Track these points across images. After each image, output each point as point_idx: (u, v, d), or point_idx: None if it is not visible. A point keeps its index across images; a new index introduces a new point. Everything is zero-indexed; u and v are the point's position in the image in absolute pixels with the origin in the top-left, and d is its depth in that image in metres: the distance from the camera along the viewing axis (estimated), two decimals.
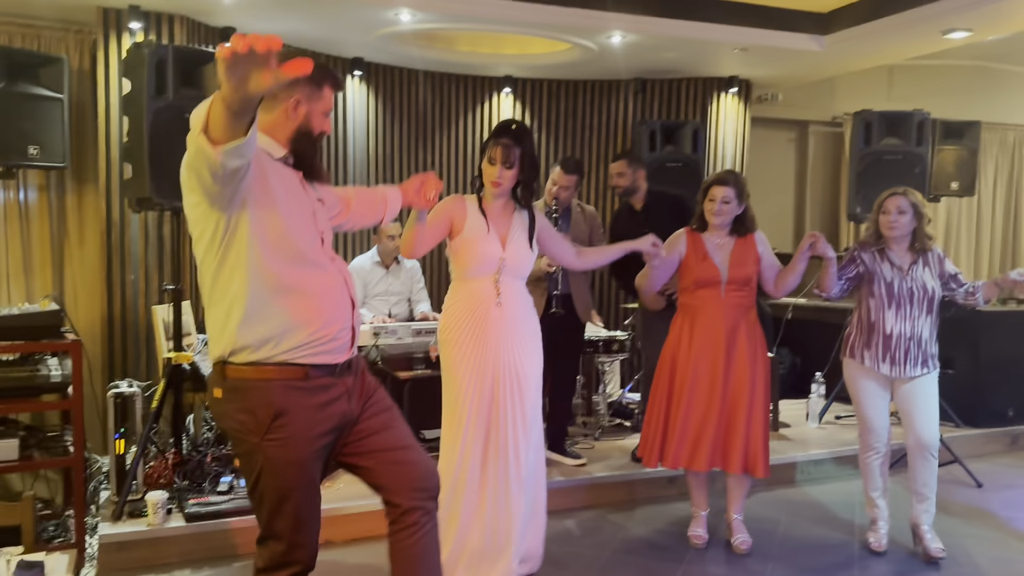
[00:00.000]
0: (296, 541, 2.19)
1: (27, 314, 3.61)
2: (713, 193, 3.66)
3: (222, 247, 2.08)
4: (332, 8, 4.84)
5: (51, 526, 3.93)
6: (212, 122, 1.80)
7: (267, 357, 2.12)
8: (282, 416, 2.12)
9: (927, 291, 3.62)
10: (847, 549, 3.84)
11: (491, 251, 3.20)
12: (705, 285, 3.66)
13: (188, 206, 2.09)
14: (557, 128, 6.78)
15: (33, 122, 4.40)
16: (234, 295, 2.10)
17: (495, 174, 3.18)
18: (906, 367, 3.63)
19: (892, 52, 5.99)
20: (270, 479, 2.14)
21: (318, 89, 2.23)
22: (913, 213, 3.62)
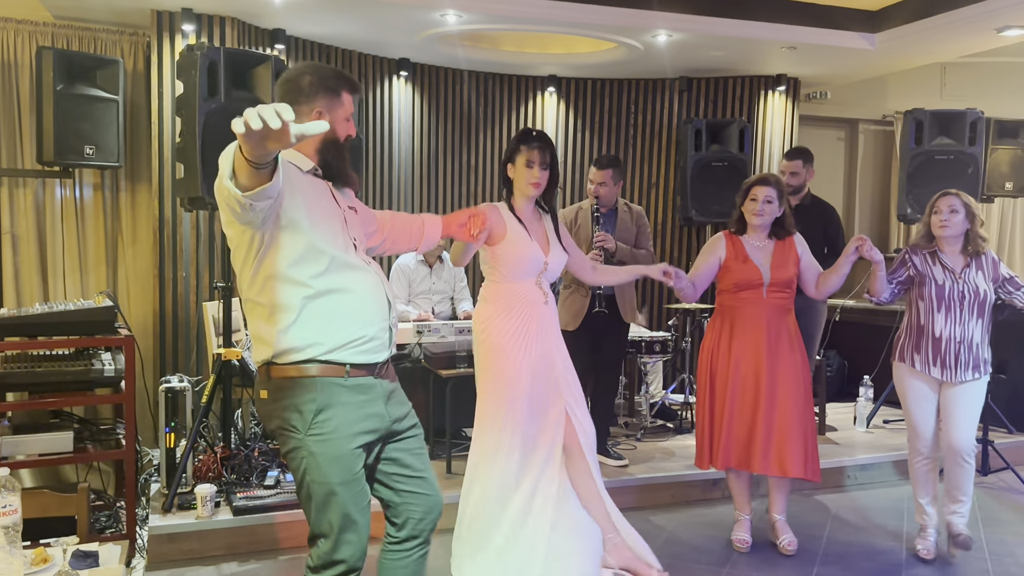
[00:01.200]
0: (343, 539, 2.22)
1: (82, 310, 3.70)
2: (755, 193, 3.66)
3: (257, 259, 2.17)
4: (379, 10, 4.89)
5: (103, 517, 4.04)
6: (239, 172, 1.88)
7: (309, 357, 2.18)
8: (324, 411, 2.18)
9: (979, 294, 3.56)
10: (894, 555, 3.78)
11: (536, 255, 3.24)
12: (747, 287, 3.65)
13: (224, 223, 2.18)
14: (601, 127, 6.76)
15: (90, 123, 4.53)
16: (273, 303, 2.18)
17: (536, 176, 3.21)
18: (956, 371, 3.57)
19: (944, 50, 5.86)
20: (315, 475, 2.19)
21: (337, 97, 2.29)
22: (965, 213, 3.56)
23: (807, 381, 3.68)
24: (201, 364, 4.82)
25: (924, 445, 3.70)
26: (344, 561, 2.23)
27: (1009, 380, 5.43)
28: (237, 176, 1.89)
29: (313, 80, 2.26)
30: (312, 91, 2.25)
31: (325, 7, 4.85)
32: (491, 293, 3.32)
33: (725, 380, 3.65)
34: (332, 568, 2.23)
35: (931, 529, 3.78)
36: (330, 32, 5.43)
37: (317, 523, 2.23)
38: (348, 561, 2.23)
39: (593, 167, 4.48)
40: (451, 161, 6.49)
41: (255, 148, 1.77)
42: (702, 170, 6.00)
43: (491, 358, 3.26)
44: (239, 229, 2.14)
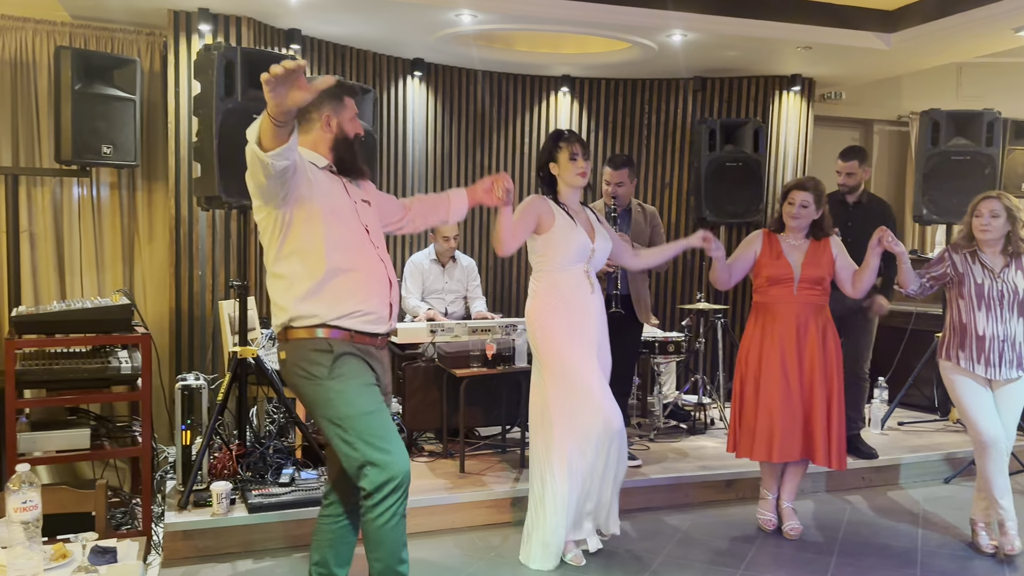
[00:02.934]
0: (388, 458, 2.48)
1: (99, 307, 3.73)
2: (793, 197, 3.78)
3: (280, 237, 2.54)
4: (393, 10, 4.90)
5: (119, 513, 4.07)
6: (264, 134, 2.26)
7: (321, 322, 2.54)
8: (340, 359, 2.54)
9: (1018, 293, 3.63)
10: (908, 555, 3.76)
11: (584, 243, 3.46)
12: (778, 282, 3.77)
13: (255, 209, 2.56)
14: (615, 127, 6.75)
15: (107, 122, 4.55)
16: (293, 275, 2.55)
17: (582, 166, 3.48)
18: (1001, 369, 3.64)
19: (961, 50, 5.82)
20: (345, 409, 2.51)
21: (340, 102, 2.67)
22: (1007, 216, 3.62)
23: (840, 374, 3.80)
24: (217, 362, 4.85)
25: (992, 443, 3.65)
26: (396, 476, 2.48)
27: None
28: (262, 140, 2.26)
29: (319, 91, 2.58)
30: (319, 99, 2.60)
31: (340, 7, 4.86)
32: (541, 286, 3.50)
33: (759, 373, 3.79)
34: (388, 485, 2.48)
35: (1010, 523, 3.74)
36: (345, 32, 5.45)
37: (361, 454, 2.48)
38: (399, 475, 2.51)
39: (608, 167, 4.50)
40: (465, 161, 6.50)
41: (280, 99, 2.12)
42: (716, 170, 5.98)
43: (542, 338, 3.43)
44: (267, 212, 2.50)
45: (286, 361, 2.61)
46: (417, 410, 4.68)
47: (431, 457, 4.59)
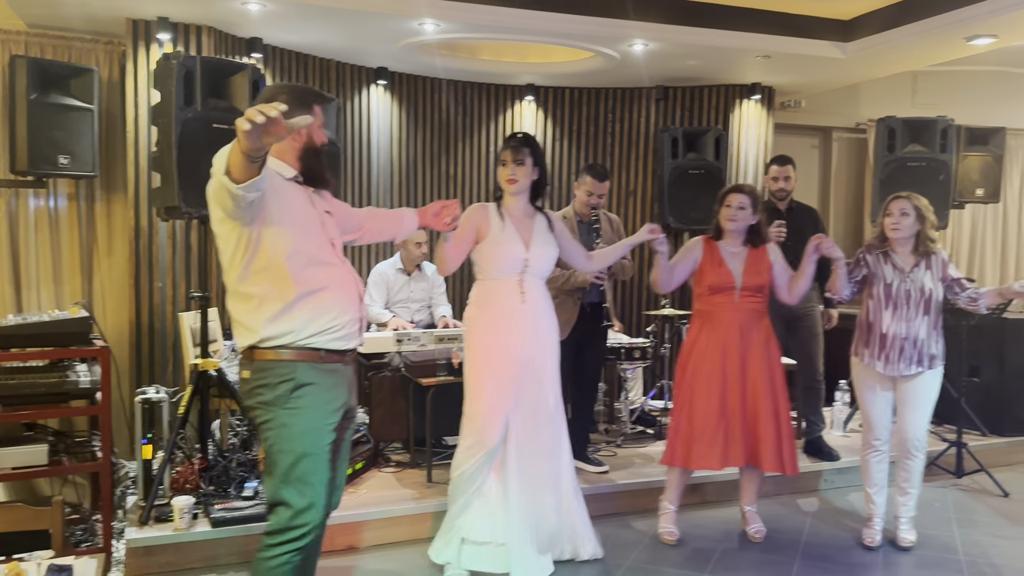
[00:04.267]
0: (302, 508, 2.42)
1: (57, 321, 3.67)
2: (730, 200, 3.81)
3: (247, 255, 2.43)
4: (356, 19, 4.89)
5: (79, 530, 3.99)
6: (233, 166, 2.17)
7: (289, 343, 2.46)
8: (300, 389, 2.45)
9: (924, 293, 3.73)
10: (871, 555, 3.81)
11: (516, 253, 3.41)
12: (720, 290, 3.78)
13: (215, 221, 2.44)
14: (579, 135, 6.80)
15: (64, 132, 4.48)
16: (261, 295, 2.45)
17: (509, 172, 3.45)
18: (900, 365, 3.75)
19: (915, 59, 5.95)
20: (284, 445, 2.43)
21: (309, 110, 2.56)
22: (916, 216, 3.74)
23: (781, 380, 3.83)
24: (178, 375, 4.78)
25: (874, 438, 3.89)
26: (302, 526, 2.43)
27: (982, 383, 5.51)
28: (231, 172, 2.17)
29: (289, 99, 2.51)
30: (291, 110, 2.46)
31: (302, 16, 4.84)
32: (475, 293, 3.52)
33: (699, 381, 3.78)
34: (291, 531, 2.43)
35: (877, 519, 3.97)
36: (307, 41, 5.42)
37: (279, 491, 2.44)
38: (305, 528, 2.43)
39: (593, 179, 4.42)
40: (430, 170, 6.49)
41: (254, 142, 2.04)
42: (679, 178, 6.04)
43: (468, 359, 3.46)
44: (230, 226, 2.40)
45: (248, 381, 2.53)
46: (384, 420, 4.66)
47: (398, 467, 4.57)
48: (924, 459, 3.89)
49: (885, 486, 3.96)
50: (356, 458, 4.33)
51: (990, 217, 7.95)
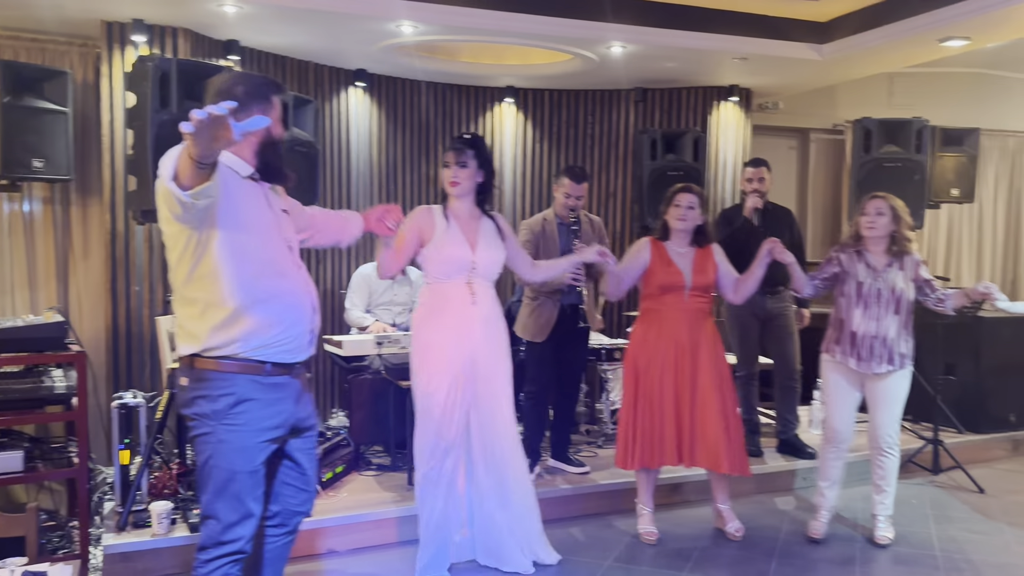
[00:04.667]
0: (233, 522, 2.38)
1: (32, 326, 3.64)
2: (679, 199, 3.86)
3: (193, 258, 2.32)
4: (333, 20, 4.87)
5: (55, 537, 3.95)
6: (182, 172, 2.02)
7: (233, 353, 2.36)
8: (240, 404, 2.36)
9: (895, 292, 3.77)
10: (847, 550, 3.84)
11: (462, 255, 3.36)
12: (670, 290, 3.82)
13: (162, 221, 2.33)
14: (559, 137, 6.81)
15: (38, 135, 4.44)
16: (206, 301, 2.34)
17: (450, 175, 3.40)
18: (871, 363, 3.79)
19: (890, 60, 6.01)
20: (219, 460, 2.36)
21: (268, 102, 2.45)
22: (891, 216, 3.78)
23: (728, 380, 3.88)
24: (156, 379, 4.75)
25: (835, 435, 3.95)
26: (233, 542, 2.38)
27: (958, 381, 5.57)
28: (179, 177, 2.03)
29: (247, 89, 2.40)
30: (247, 99, 2.38)
31: (279, 18, 4.82)
32: (423, 295, 3.46)
33: (651, 381, 3.80)
34: (221, 548, 2.38)
35: (824, 511, 4.04)
36: (285, 42, 5.40)
37: (211, 505, 2.39)
38: (237, 543, 2.39)
39: (570, 180, 4.42)
40: (409, 172, 6.48)
41: (203, 146, 1.90)
42: (658, 179, 6.06)
43: (417, 360, 3.40)
44: (177, 228, 2.28)
45: (186, 389, 2.42)
46: (364, 423, 4.64)
47: (379, 471, 4.55)
48: (898, 457, 3.93)
49: (838, 482, 4.02)
50: (336, 461, 4.32)
51: (966, 217, 8.04)
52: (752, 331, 4.94)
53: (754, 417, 5.02)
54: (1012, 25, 5.02)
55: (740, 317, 4.94)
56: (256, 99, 2.41)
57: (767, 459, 4.90)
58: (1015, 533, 4.14)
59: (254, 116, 1.97)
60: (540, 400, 4.55)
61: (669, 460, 3.80)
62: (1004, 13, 4.69)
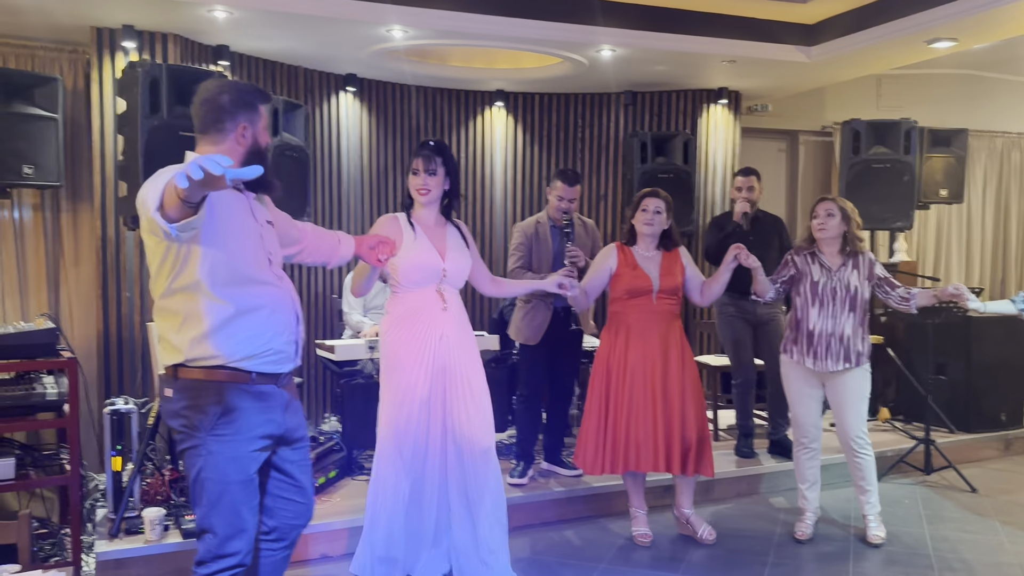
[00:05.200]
0: (232, 536, 2.34)
1: (22, 332, 3.61)
2: (646, 204, 3.90)
3: (174, 270, 2.29)
4: (324, 25, 4.88)
5: (47, 544, 3.93)
6: (168, 206, 1.97)
7: (219, 364, 2.32)
8: (228, 414, 2.33)
9: (850, 290, 3.83)
10: (840, 554, 3.86)
11: (432, 263, 3.30)
12: (638, 294, 3.84)
13: (142, 230, 2.30)
14: (549, 141, 6.82)
15: (28, 142, 4.42)
16: (186, 313, 2.31)
17: (420, 182, 3.34)
18: (827, 361, 3.83)
19: (878, 62, 6.04)
20: (211, 472, 2.32)
21: (255, 110, 2.43)
22: (841, 216, 3.84)
23: (696, 382, 3.90)
24: (147, 385, 4.73)
25: (803, 435, 4.01)
26: (233, 555, 2.35)
27: (949, 381, 5.60)
28: (165, 209, 1.97)
29: (233, 97, 2.38)
30: (234, 108, 2.37)
31: (269, 23, 4.82)
32: (391, 304, 3.38)
33: (621, 384, 3.81)
34: (220, 562, 2.35)
35: (809, 513, 4.08)
36: (275, 48, 5.40)
37: (207, 519, 2.34)
38: (236, 556, 2.35)
39: (563, 183, 4.41)
40: (400, 177, 6.48)
41: (194, 193, 1.88)
42: (648, 182, 6.06)
43: (386, 370, 3.31)
44: (157, 240, 2.24)
45: (171, 400, 2.37)
46: (357, 427, 4.64)
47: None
48: (872, 455, 3.96)
49: (817, 482, 4.07)
50: (329, 466, 4.31)
51: (954, 217, 8.09)
52: (744, 336, 4.96)
53: (749, 422, 5.03)
54: (999, 26, 5.06)
55: (732, 323, 4.97)
56: (242, 108, 2.38)
57: (760, 460, 4.90)
58: (1008, 532, 4.16)
59: (250, 166, 1.88)
60: (533, 403, 4.55)
61: (636, 465, 3.78)
62: (991, 14, 4.73)
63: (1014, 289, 8.31)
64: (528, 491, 4.33)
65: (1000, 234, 8.37)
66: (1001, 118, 8.14)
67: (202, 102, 2.39)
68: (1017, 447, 5.69)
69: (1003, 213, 8.36)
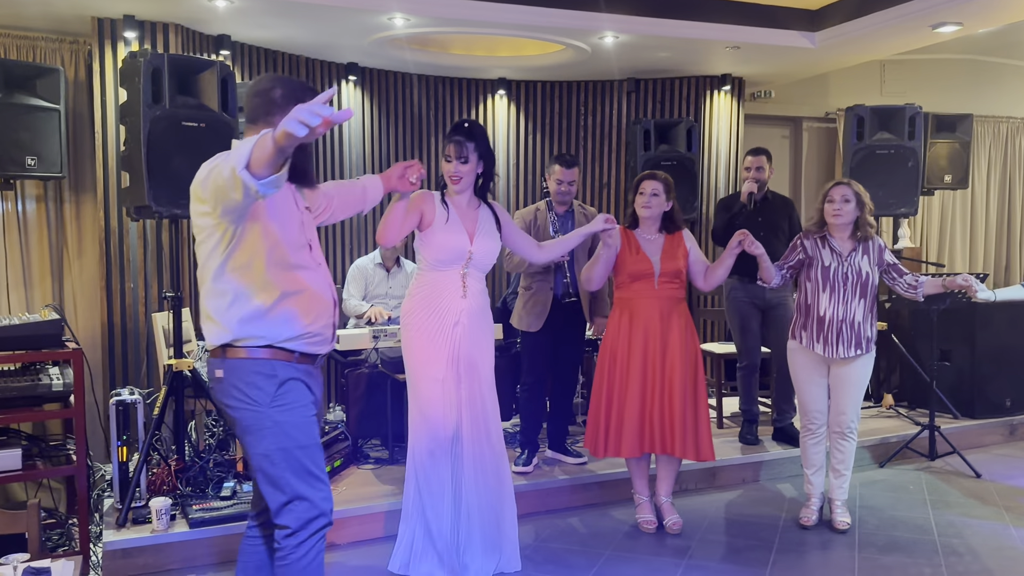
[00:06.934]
0: (317, 494, 2.41)
1: (27, 324, 3.62)
2: (643, 187, 3.87)
3: (228, 249, 2.35)
4: (325, 14, 4.86)
5: (55, 535, 3.95)
6: (259, 161, 2.01)
7: (267, 344, 2.40)
8: (284, 385, 2.41)
9: (862, 276, 3.81)
10: (847, 538, 3.86)
11: (460, 244, 3.33)
12: (639, 278, 3.83)
13: (197, 214, 2.36)
14: (552, 129, 6.80)
15: (30, 133, 4.42)
16: (238, 293, 2.38)
17: (451, 169, 3.36)
18: (838, 347, 3.82)
19: (882, 47, 6.01)
20: (283, 442, 2.39)
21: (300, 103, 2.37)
22: (856, 202, 3.81)
23: (699, 367, 3.89)
24: (152, 376, 4.75)
25: (810, 421, 3.99)
26: (323, 513, 2.44)
27: (953, 367, 5.60)
28: (257, 165, 2.02)
29: (285, 92, 2.43)
30: (285, 103, 2.40)
31: (270, 12, 4.80)
32: (416, 285, 3.42)
33: (624, 369, 3.82)
34: (315, 523, 2.41)
35: (815, 499, 4.08)
36: (276, 37, 5.38)
37: (290, 487, 2.39)
38: (326, 513, 2.43)
39: (560, 167, 4.43)
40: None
41: (293, 142, 1.92)
42: (652, 169, 6.06)
43: (405, 340, 3.38)
44: (214, 220, 2.31)
45: (223, 380, 2.43)
46: (361, 417, 4.65)
47: (377, 464, 4.56)
48: (856, 441, 3.99)
49: (823, 467, 4.07)
50: (334, 456, 4.32)
51: (959, 203, 8.07)
52: (752, 321, 4.96)
53: (754, 408, 5.04)
54: (1004, 10, 5.03)
55: (740, 307, 4.96)
56: (293, 102, 2.36)
57: (765, 447, 4.91)
58: (1012, 517, 4.16)
59: (344, 110, 1.98)
60: (537, 392, 4.55)
61: (632, 450, 3.78)
62: None
63: (1018, 274, 8.29)
64: (533, 479, 4.34)
65: (1004, 220, 8.34)
66: (1006, 103, 8.10)
67: (255, 93, 2.45)
68: (1021, 433, 5.69)
69: (1008, 199, 8.34)
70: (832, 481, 4.03)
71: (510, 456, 4.58)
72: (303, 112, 1.84)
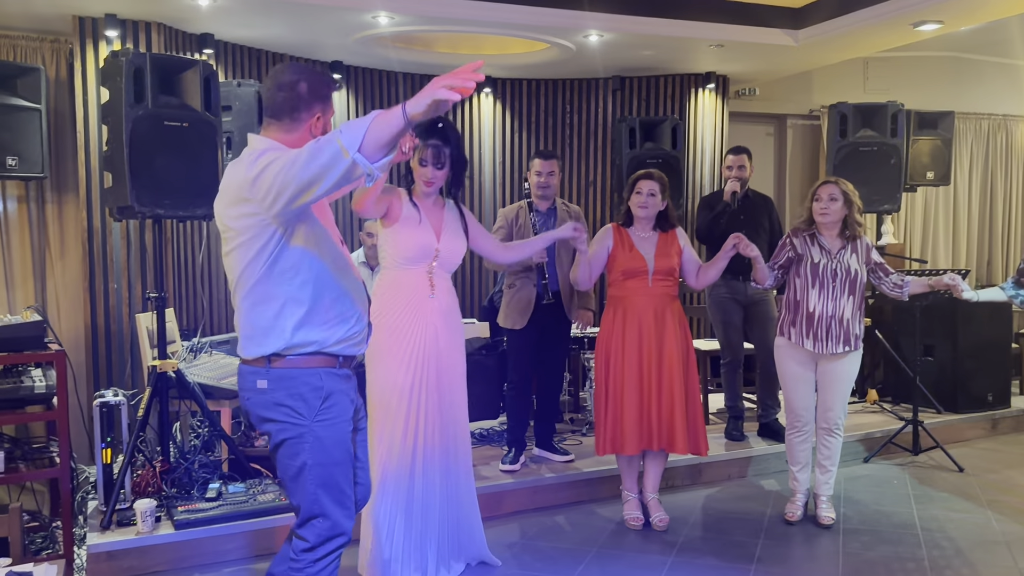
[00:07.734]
0: (341, 513, 2.36)
1: (9, 326, 3.59)
2: (640, 187, 3.87)
3: (274, 254, 2.25)
4: (310, 12, 4.84)
5: (39, 538, 3.92)
6: (377, 139, 1.97)
7: (316, 350, 2.33)
8: (329, 398, 2.34)
9: (851, 273, 3.83)
10: (831, 534, 3.89)
11: (427, 241, 3.26)
12: (633, 275, 3.84)
13: (240, 215, 2.23)
14: (537, 127, 6.80)
15: (11, 133, 4.39)
16: (289, 297, 2.28)
17: (428, 175, 3.29)
18: (828, 344, 3.83)
19: (865, 45, 6.04)
20: (320, 457, 2.32)
21: (328, 101, 2.41)
22: (844, 200, 3.83)
23: (692, 363, 3.91)
24: (136, 377, 4.71)
25: (797, 419, 4.01)
26: (344, 533, 2.38)
27: (936, 362, 5.64)
28: (368, 148, 1.96)
29: (311, 86, 2.36)
30: (311, 98, 2.36)
31: (254, 10, 4.78)
32: (380, 284, 3.33)
33: (619, 367, 3.82)
34: (334, 541, 2.36)
35: (800, 495, 4.10)
36: (260, 35, 5.36)
37: (316, 504, 2.34)
38: (347, 532, 2.38)
39: (538, 159, 4.44)
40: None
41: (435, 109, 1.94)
42: (637, 167, 6.04)
43: (372, 360, 3.26)
44: (256, 220, 2.20)
45: (265, 392, 2.32)
46: None
47: None
48: (842, 437, 4.02)
49: (809, 464, 4.09)
50: None
51: (941, 200, 8.12)
52: (735, 317, 4.98)
53: (739, 404, 5.06)
54: (984, 8, 5.07)
55: (722, 303, 4.98)
56: (318, 98, 2.37)
57: (750, 443, 4.94)
58: (995, 511, 4.20)
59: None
60: (523, 390, 4.55)
61: (633, 447, 3.79)
62: None
63: (1000, 271, 8.36)
64: (519, 477, 4.34)
65: (986, 216, 8.40)
66: (987, 100, 8.16)
67: (278, 86, 2.35)
68: (1004, 427, 5.75)
69: (989, 195, 8.39)
70: (818, 476, 4.05)
71: (496, 454, 4.61)
72: (456, 79, 1.87)
